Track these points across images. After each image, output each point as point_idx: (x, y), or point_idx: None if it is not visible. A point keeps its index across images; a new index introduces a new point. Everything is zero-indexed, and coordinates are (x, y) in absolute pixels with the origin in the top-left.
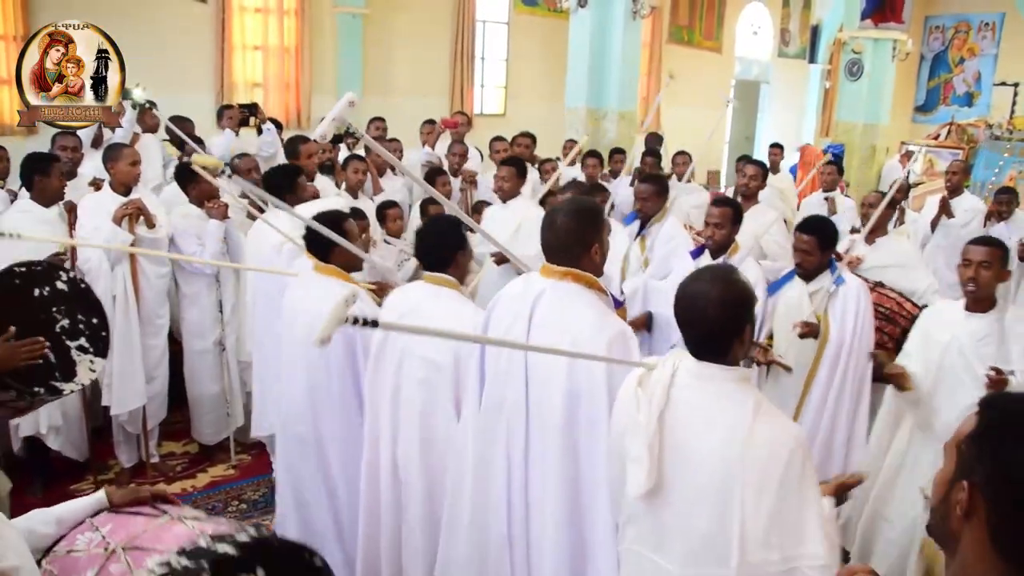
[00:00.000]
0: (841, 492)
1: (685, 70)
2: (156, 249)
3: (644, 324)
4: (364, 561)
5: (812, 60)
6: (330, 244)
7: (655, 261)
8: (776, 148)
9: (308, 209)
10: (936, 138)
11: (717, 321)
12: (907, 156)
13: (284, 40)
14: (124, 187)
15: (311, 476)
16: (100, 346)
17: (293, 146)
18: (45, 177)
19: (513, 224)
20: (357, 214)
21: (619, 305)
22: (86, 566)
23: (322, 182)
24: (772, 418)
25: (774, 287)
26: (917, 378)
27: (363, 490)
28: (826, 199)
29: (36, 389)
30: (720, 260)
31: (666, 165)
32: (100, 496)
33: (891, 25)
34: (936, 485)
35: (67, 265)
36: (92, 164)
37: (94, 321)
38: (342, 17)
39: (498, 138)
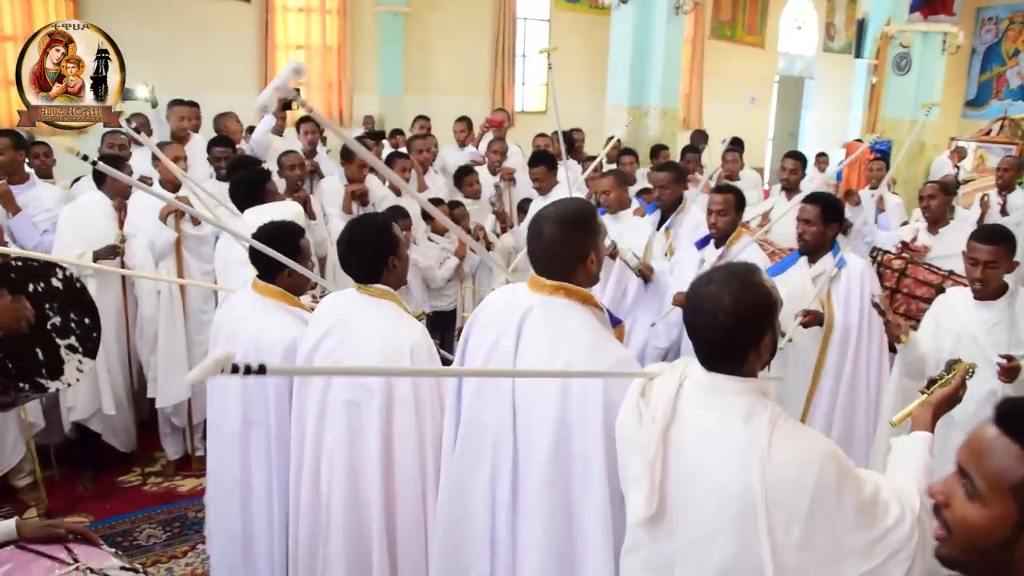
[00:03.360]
0: (940, 413)
1: (728, 66)
2: (201, 247)
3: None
4: None
5: (858, 55)
6: (277, 262)
7: (680, 250)
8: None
9: (258, 216)
10: (987, 134)
11: (728, 330)
12: (957, 152)
13: (326, 39)
14: (172, 184)
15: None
16: (90, 346)
17: (349, 152)
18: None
19: None
20: (399, 212)
21: (617, 323)
22: None
23: (372, 181)
24: (794, 434)
25: (775, 270)
26: (917, 337)
27: (290, 518)
28: (873, 196)
29: (21, 385)
30: (722, 249)
31: (715, 161)
32: (10, 527)
33: (941, 18)
34: (979, 535)
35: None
36: (139, 161)
37: (86, 321)
38: (383, 16)
39: (541, 135)
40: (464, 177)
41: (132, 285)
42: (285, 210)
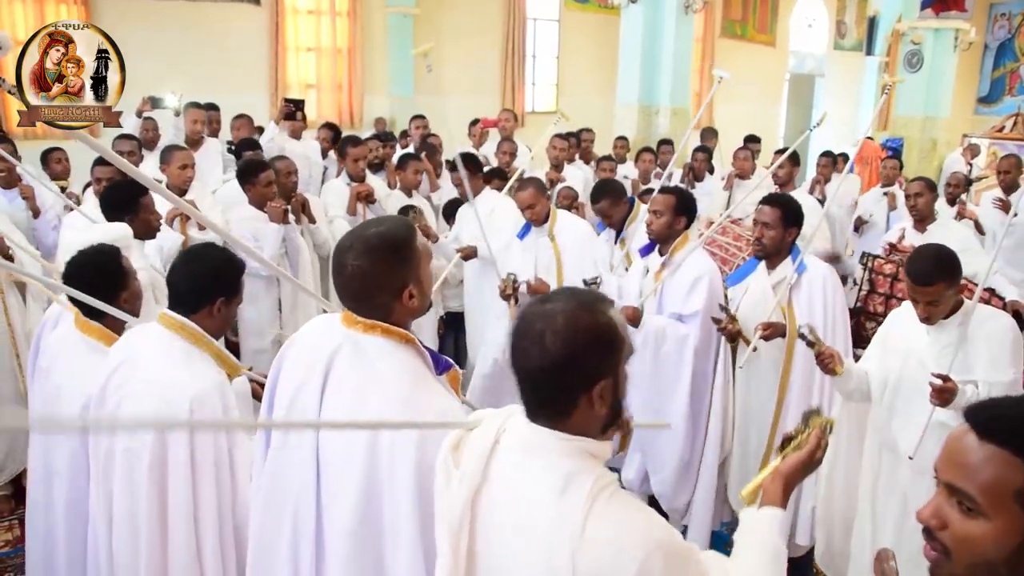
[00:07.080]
0: (790, 490)
1: (738, 65)
2: None
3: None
4: None
5: (869, 52)
6: (102, 292)
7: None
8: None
9: (79, 237)
10: (1000, 130)
11: (555, 360)
12: (970, 150)
13: (336, 41)
14: (178, 189)
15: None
16: None
17: (343, 147)
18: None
19: (484, 215)
20: (413, 211)
21: (445, 368)
22: None
23: (374, 181)
24: (617, 513)
25: (734, 277)
26: (853, 368)
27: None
28: (885, 194)
29: None
30: (666, 256)
31: (724, 161)
32: None
33: (952, 14)
34: (988, 550)
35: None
36: (148, 166)
37: None
38: (393, 17)
39: (558, 135)
40: (492, 179)
41: None
42: (109, 231)
